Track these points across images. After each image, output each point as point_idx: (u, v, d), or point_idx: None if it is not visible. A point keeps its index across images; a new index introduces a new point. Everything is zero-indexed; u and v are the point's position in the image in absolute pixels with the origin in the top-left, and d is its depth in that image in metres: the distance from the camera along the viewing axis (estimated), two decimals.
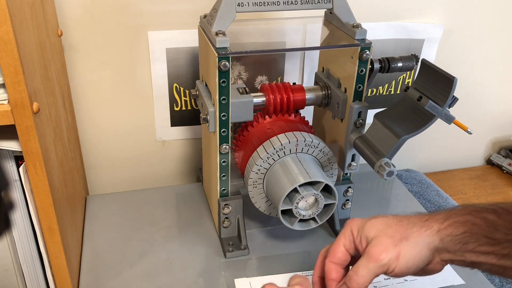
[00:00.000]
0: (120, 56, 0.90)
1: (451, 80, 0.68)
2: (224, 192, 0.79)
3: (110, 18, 0.86)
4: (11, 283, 0.71)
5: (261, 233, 0.86)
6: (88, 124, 0.95)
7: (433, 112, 0.71)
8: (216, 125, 0.72)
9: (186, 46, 0.91)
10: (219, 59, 0.66)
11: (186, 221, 0.89)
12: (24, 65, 0.54)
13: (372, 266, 0.54)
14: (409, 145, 0.77)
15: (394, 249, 0.53)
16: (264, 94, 0.79)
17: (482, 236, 0.52)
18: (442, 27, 1.01)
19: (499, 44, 1.09)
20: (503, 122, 1.21)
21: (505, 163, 1.20)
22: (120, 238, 0.84)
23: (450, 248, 0.54)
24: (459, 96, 0.71)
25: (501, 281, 0.85)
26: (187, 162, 1.04)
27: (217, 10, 0.69)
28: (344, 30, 0.76)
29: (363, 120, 0.78)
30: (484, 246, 0.52)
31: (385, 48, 1.00)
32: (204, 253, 0.82)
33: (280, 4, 0.71)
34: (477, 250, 0.52)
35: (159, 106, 0.96)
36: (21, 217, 0.66)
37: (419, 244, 0.54)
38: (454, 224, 0.53)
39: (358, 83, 0.76)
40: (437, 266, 0.56)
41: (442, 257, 0.55)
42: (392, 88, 1.06)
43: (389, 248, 0.53)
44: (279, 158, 0.76)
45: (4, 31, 0.51)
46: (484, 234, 0.52)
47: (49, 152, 0.63)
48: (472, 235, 0.52)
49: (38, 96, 0.59)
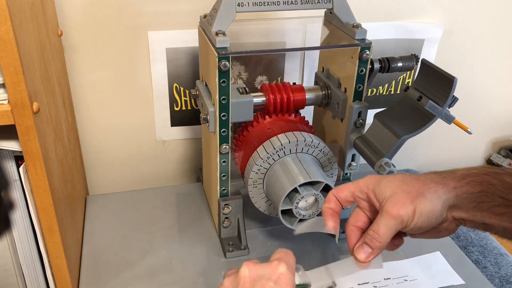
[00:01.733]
0: (120, 56, 0.90)
1: (451, 80, 0.68)
2: (224, 192, 0.79)
3: (110, 18, 0.86)
4: (11, 283, 0.71)
5: (261, 233, 0.86)
6: (88, 124, 0.95)
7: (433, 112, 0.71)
8: (216, 125, 0.72)
9: (186, 46, 0.91)
10: (219, 59, 0.66)
11: (186, 221, 0.89)
12: (24, 65, 0.54)
13: (391, 223, 0.53)
14: (409, 145, 0.77)
15: (410, 205, 0.53)
16: (264, 94, 0.79)
17: (497, 196, 0.52)
18: (442, 27, 1.01)
19: (499, 44, 1.09)
20: (503, 122, 1.21)
21: (505, 163, 1.20)
22: (120, 238, 0.84)
23: (464, 205, 0.53)
24: (459, 96, 0.71)
25: (501, 281, 0.85)
26: (187, 162, 1.04)
27: (217, 10, 0.69)
28: (344, 30, 0.76)
29: (363, 120, 0.78)
30: (499, 207, 0.52)
31: (385, 48, 1.00)
32: (204, 253, 0.82)
33: (280, 4, 0.71)
34: (492, 210, 0.52)
35: (159, 106, 0.96)
36: (21, 217, 0.66)
37: (435, 200, 0.53)
38: (471, 183, 0.53)
39: (358, 83, 0.76)
40: (450, 225, 0.56)
41: (455, 215, 0.55)
42: (392, 88, 1.06)
43: (406, 203, 0.53)
44: (279, 158, 0.76)
45: (4, 31, 0.51)
46: (500, 195, 0.52)
47: (49, 152, 0.63)
48: (487, 195, 0.52)
49: (38, 96, 0.59)
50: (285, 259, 0.52)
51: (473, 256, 0.90)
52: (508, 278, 0.86)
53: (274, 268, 0.51)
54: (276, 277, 0.50)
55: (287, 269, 0.51)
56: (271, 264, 0.51)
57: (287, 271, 0.51)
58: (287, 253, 0.54)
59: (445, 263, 0.81)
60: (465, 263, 0.82)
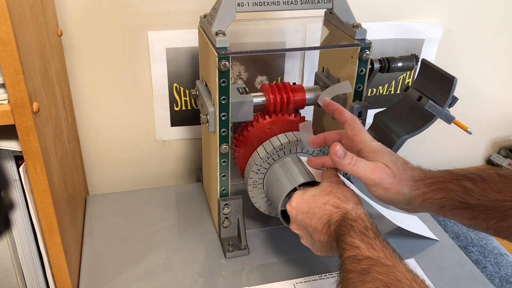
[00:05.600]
0: (120, 56, 0.90)
1: (451, 80, 0.68)
2: (224, 192, 0.79)
3: (110, 18, 0.86)
4: (11, 283, 0.71)
5: (261, 233, 0.86)
6: (88, 124, 0.95)
7: (433, 112, 0.71)
8: (216, 125, 0.72)
9: (186, 46, 0.91)
10: (219, 59, 0.66)
11: (186, 221, 0.89)
12: (24, 65, 0.54)
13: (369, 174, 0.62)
14: (409, 145, 0.77)
15: (389, 184, 0.61)
16: (264, 94, 0.79)
17: (456, 201, 0.60)
18: (442, 27, 1.01)
19: (499, 44, 1.09)
20: (503, 122, 1.21)
21: (505, 163, 1.20)
22: (120, 238, 0.84)
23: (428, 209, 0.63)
24: (459, 96, 0.71)
25: (501, 281, 0.85)
26: (187, 162, 1.04)
27: (217, 10, 0.69)
28: (344, 30, 0.76)
29: (363, 120, 0.78)
30: (458, 209, 0.60)
31: (385, 48, 1.00)
32: (204, 253, 0.82)
33: (280, 4, 0.71)
34: (451, 212, 0.61)
35: (159, 106, 0.96)
36: (21, 217, 0.66)
37: (406, 196, 0.62)
38: (436, 190, 0.61)
39: (358, 83, 0.76)
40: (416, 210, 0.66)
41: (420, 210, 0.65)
42: (392, 88, 1.06)
43: (387, 180, 0.61)
44: (279, 158, 0.76)
45: (4, 31, 0.51)
46: (459, 200, 0.60)
47: (49, 152, 0.63)
48: (448, 200, 0.60)
49: (38, 96, 0.59)
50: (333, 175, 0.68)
51: (473, 256, 0.90)
52: (508, 278, 0.86)
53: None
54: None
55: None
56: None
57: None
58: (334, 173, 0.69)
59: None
60: (465, 263, 0.82)
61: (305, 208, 0.64)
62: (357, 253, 0.54)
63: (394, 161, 0.63)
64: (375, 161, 0.63)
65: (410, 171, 0.63)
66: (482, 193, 0.58)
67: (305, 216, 0.64)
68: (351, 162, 0.62)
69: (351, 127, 0.66)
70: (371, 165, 0.62)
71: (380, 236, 0.57)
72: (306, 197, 0.65)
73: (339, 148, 0.62)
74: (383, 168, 0.62)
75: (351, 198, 0.63)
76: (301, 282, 0.75)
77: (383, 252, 0.53)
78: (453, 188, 0.60)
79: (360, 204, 0.62)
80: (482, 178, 0.59)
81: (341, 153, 0.62)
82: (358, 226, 0.57)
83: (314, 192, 0.65)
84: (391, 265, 0.51)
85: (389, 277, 0.49)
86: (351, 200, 0.62)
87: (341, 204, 0.61)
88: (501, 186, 0.58)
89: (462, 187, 0.60)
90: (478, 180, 0.59)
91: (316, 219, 0.62)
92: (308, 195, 0.65)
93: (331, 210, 0.61)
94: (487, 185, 0.59)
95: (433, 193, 0.61)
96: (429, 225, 0.88)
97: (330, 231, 0.61)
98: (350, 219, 0.58)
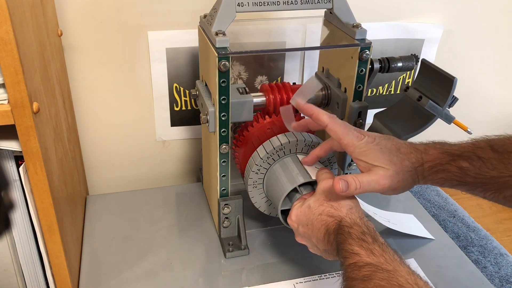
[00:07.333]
0: (120, 56, 0.90)
1: (451, 80, 0.68)
2: (224, 192, 0.79)
3: (110, 18, 0.86)
4: (11, 283, 0.71)
5: (261, 233, 0.86)
6: (88, 124, 0.95)
7: (433, 112, 0.71)
8: (216, 125, 0.72)
9: (186, 46, 0.91)
10: (219, 59, 0.66)
11: (186, 221, 0.89)
12: (24, 65, 0.54)
13: (377, 187, 0.63)
14: None
15: (396, 184, 0.63)
16: (264, 94, 0.79)
17: (455, 180, 0.64)
18: (442, 27, 1.01)
19: (499, 44, 1.09)
20: (503, 122, 1.21)
21: None
22: (120, 238, 0.84)
23: (430, 184, 0.66)
24: (459, 96, 0.71)
25: (501, 281, 0.85)
26: (187, 162, 1.04)
27: (217, 10, 0.69)
28: (344, 30, 0.76)
29: (363, 120, 0.78)
30: (457, 185, 0.65)
31: (385, 48, 1.00)
32: (204, 253, 0.82)
33: (280, 4, 0.71)
34: (451, 187, 0.65)
35: (159, 106, 0.96)
36: (21, 217, 0.66)
37: (413, 183, 0.65)
38: (435, 172, 0.64)
39: (358, 83, 0.76)
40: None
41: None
42: (392, 88, 1.06)
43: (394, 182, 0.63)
44: (279, 158, 0.76)
45: (4, 31, 0.51)
46: (457, 179, 0.63)
47: (49, 152, 0.63)
48: (447, 180, 0.64)
49: (38, 96, 0.59)
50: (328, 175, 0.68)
51: (473, 256, 0.90)
52: (508, 278, 0.86)
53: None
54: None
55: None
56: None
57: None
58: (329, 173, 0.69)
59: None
60: (465, 263, 0.82)
61: (305, 220, 0.65)
62: (358, 259, 0.54)
63: (389, 159, 0.63)
64: (371, 166, 0.63)
65: (407, 159, 0.64)
66: (478, 171, 0.62)
67: (306, 228, 0.65)
68: (356, 187, 0.62)
69: (333, 131, 0.66)
70: (373, 177, 0.62)
71: (379, 239, 0.57)
72: (304, 209, 0.65)
73: (340, 183, 0.62)
74: (385, 174, 0.62)
75: (344, 203, 0.63)
76: (301, 282, 0.76)
77: (383, 256, 0.54)
78: (450, 169, 0.63)
79: (354, 208, 0.62)
80: (478, 157, 0.62)
81: (344, 187, 0.62)
82: (355, 232, 0.57)
83: (309, 203, 0.65)
84: (392, 270, 0.51)
85: (391, 283, 0.50)
86: (344, 206, 0.62)
87: (335, 213, 0.62)
88: (496, 163, 0.61)
89: (459, 168, 0.63)
90: (474, 158, 0.62)
91: (316, 230, 0.63)
92: (305, 207, 0.65)
93: (326, 220, 0.62)
94: (482, 163, 0.62)
95: (433, 175, 0.64)
96: (429, 225, 0.88)
97: (330, 241, 0.61)
98: (346, 226, 0.59)
